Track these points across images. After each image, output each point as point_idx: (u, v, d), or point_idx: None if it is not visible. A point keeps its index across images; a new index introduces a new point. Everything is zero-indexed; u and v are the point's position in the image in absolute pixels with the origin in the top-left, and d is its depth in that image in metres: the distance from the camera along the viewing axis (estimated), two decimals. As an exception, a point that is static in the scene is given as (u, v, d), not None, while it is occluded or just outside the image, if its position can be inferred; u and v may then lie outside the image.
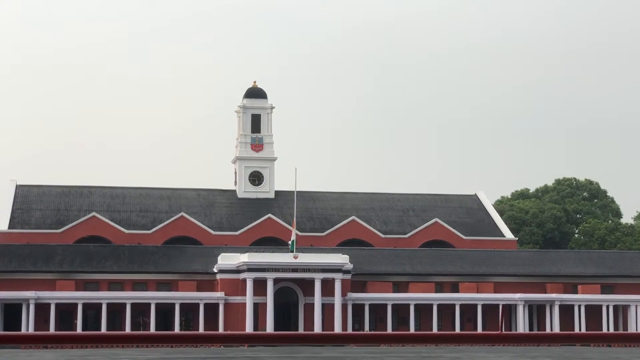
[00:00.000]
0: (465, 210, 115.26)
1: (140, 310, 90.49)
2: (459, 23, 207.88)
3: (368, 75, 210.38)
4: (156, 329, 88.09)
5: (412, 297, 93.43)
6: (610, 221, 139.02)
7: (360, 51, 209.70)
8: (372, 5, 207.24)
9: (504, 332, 6.30)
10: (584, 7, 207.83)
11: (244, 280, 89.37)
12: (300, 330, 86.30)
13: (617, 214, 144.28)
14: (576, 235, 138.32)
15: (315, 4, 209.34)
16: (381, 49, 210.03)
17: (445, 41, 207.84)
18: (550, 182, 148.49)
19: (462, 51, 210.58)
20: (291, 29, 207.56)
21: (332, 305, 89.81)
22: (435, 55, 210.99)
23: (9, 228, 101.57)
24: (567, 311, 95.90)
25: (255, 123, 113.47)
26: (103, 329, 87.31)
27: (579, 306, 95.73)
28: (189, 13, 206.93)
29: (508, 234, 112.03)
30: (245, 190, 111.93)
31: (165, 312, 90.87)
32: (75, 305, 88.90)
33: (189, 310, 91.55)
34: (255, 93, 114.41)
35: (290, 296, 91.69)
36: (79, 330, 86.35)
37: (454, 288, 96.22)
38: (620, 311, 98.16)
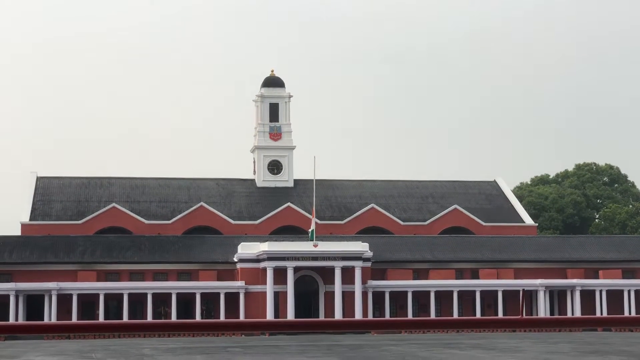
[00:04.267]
0: (485, 196, 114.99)
1: (162, 300, 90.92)
2: (478, 5, 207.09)
3: (386, 63, 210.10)
4: (177, 319, 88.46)
5: (433, 284, 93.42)
6: (631, 206, 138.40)
7: (378, 38, 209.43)
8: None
9: (524, 316, 6.28)
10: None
11: (264, 269, 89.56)
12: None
13: (638, 198, 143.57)
14: (597, 221, 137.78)
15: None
16: (399, 36, 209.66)
17: (463, 26, 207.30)
18: (570, 167, 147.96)
19: (480, 36, 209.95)
20: (308, 16, 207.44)
21: (353, 293, 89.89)
22: (453, 41, 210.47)
23: (30, 220, 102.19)
24: (588, 296, 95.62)
25: (274, 112, 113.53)
26: (125, 319, 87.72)
27: (600, 291, 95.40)
28: (206, 2, 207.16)
29: (528, 220, 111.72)
30: (264, 179, 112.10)
31: (186, 301, 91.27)
32: (97, 295, 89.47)
33: (209, 300, 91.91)
34: (273, 82, 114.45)
35: (311, 285, 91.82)
36: (100, 320, 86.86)
37: (474, 274, 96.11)
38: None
